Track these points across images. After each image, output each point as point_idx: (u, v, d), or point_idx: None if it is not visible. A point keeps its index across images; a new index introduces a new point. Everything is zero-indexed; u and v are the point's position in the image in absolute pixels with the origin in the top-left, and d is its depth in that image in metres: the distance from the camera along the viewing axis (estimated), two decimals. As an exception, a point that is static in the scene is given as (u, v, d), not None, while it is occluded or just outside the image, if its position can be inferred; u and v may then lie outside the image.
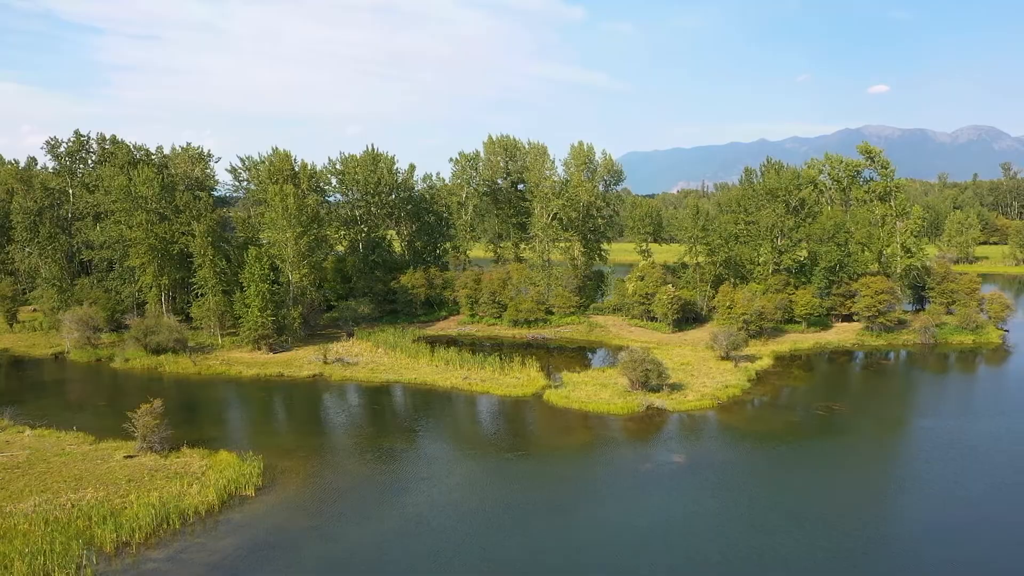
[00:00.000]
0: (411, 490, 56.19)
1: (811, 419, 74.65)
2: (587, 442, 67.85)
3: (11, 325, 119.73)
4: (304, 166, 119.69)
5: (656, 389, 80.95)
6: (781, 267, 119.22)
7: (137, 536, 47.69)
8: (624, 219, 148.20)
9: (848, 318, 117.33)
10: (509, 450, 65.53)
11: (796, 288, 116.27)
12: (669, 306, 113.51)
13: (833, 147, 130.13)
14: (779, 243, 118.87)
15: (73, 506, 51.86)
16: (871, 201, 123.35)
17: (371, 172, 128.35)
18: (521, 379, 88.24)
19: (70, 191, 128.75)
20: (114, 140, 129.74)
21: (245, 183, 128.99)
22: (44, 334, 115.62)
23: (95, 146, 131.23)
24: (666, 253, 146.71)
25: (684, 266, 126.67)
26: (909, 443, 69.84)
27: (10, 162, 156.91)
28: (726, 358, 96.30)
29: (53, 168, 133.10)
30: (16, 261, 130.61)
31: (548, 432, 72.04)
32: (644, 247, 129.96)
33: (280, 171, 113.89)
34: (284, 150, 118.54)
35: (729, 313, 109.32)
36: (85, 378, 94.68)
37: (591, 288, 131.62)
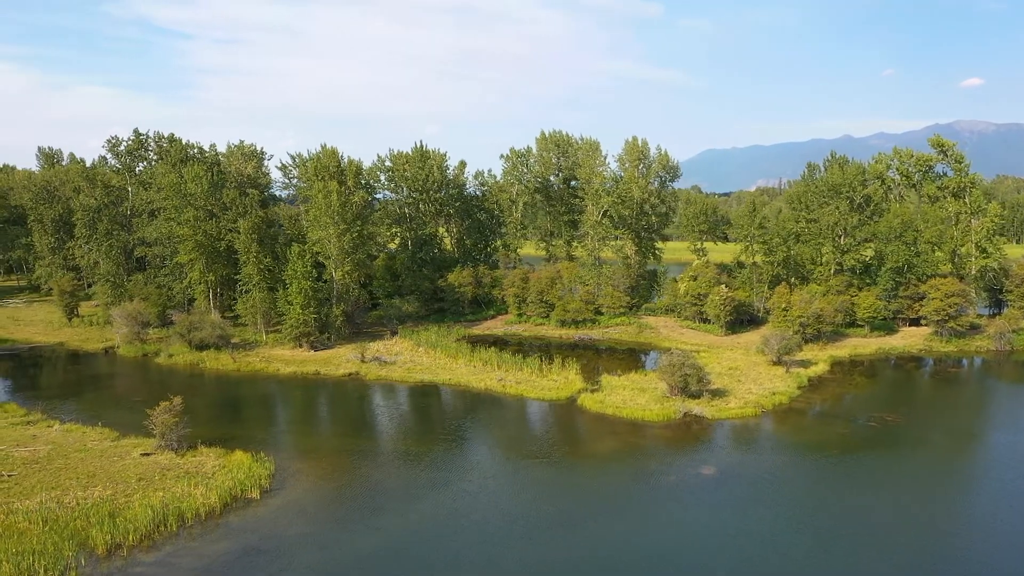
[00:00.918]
0: (419, 497, 53.99)
1: (861, 431, 69.43)
2: (613, 450, 64.49)
3: (69, 319, 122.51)
4: (351, 163, 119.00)
5: (696, 395, 76.86)
6: (844, 267, 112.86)
7: (131, 538, 46.70)
8: (679, 217, 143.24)
9: (916, 322, 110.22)
10: (529, 457, 62.71)
11: (860, 290, 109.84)
12: (722, 307, 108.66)
13: (921, 143, 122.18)
14: (842, 242, 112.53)
15: (77, 504, 51.41)
16: (944, 198, 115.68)
17: (419, 169, 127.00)
18: (558, 382, 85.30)
19: (129, 188, 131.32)
20: (171, 138, 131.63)
21: (295, 180, 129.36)
22: (100, 329, 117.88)
23: (153, 144, 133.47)
24: (726, 253, 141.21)
25: (741, 265, 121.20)
26: (966, 459, 64.36)
27: (79, 160, 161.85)
28: (778, 363, 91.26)
29: (115, 166, 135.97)
30: (77, 257, 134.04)
31: (574, 438, 69.04)
32: (699, 246, 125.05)
33: (326, 168, 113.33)
34: (331, 147, 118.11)
35: (785, 315, 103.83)
36: (128, 373, 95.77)
37: (644, 288, 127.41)
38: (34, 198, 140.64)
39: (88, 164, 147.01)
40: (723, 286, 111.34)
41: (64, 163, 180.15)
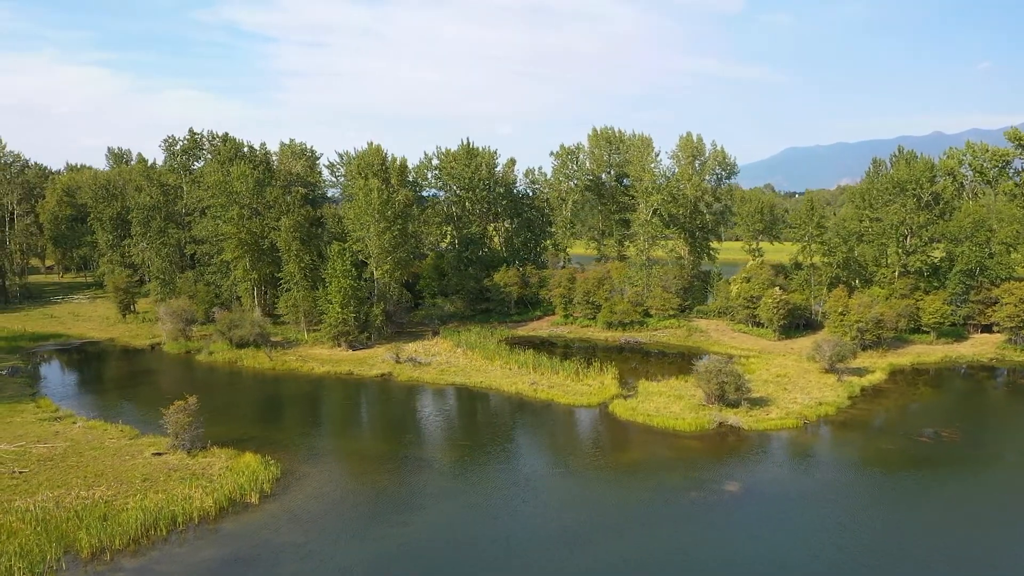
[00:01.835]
0: (423, 507, 51.68)
1: (911, 447, 64.04)
2: (636, 461, 61.01)
3: (124, 316, 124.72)
4: (394, 160, 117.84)
5: (734, 404, 72.50)
6: (909, 269, 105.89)
7: (118, 542, 45.58)
8: (735, 216, 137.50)
9: (988, 328, 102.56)
10: (544, 467, 59.87)
11: (926, 293, 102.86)
12: (775, 310, 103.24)
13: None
14: (908, 242, 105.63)
15: (75, 505, 50.74)
16: (1022, 195, 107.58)
17: (466, 167, 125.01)
18: (592, 387, 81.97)
19: (184, 187, 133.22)
20: (225, 137, 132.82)
21: (341, 178, 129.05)
22: (150, 325, 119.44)
23: (207, 143, 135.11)
24: (783, 253, 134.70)
25: (798, 266, 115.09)
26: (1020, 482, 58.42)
27: (144, 160, 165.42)
28: (830, 370, 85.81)
29: (172, 165, 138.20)
30: (133, 255, 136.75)
31: (597, 448, 65.69)
32: (754, 246, 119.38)
33: (369, 165, 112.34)
34: (376, 144, 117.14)
35: (842, 320, 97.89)
36: (167, 370, 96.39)
37: (698, 289, 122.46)
38: (94, 196, 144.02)
39: (155, 164, 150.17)
40: (777, 288, 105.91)
41: (132, 163, 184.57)
